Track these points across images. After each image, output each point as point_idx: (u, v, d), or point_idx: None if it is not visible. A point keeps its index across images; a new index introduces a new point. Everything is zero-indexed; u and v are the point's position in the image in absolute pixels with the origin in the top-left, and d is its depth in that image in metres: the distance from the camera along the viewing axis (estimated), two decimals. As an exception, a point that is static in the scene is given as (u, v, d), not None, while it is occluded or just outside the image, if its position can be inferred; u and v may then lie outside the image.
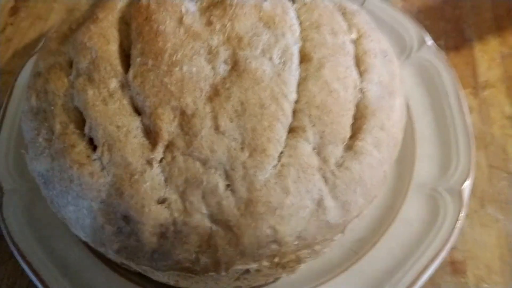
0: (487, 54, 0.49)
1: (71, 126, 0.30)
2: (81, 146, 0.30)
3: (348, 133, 0.31)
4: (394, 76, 0.34)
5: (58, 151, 0.30)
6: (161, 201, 0.28)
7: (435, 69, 0.42)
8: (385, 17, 0.46)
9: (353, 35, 0.35)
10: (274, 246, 0.28)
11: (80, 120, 0.31)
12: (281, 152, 0.29)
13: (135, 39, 0.32)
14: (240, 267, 0.29)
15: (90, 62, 0.31)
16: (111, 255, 0.31)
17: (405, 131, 0.35)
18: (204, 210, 0.28)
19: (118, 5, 0.34)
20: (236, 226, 0.28)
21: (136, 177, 0.28)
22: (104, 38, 0.32)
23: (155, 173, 0.28)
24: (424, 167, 0.38)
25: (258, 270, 0.30)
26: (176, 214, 0.28)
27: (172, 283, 0.32)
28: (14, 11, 0.52)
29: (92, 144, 0.30)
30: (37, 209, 0.37)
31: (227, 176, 0.28)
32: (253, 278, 0.31)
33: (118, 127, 0.29)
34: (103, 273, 0.35)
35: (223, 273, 0.29)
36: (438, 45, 0.48)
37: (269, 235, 0.28)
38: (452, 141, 0.39)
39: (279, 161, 0.29)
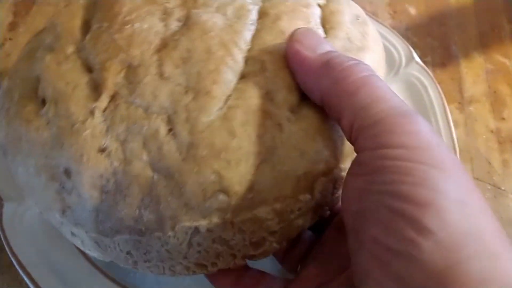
0: (472, 70, 0.51)
1: (29, 93, 0.31)
2: (32, 105, 0.30)
3: None
4: (366, 35, 0.32)
5: (13, 115, 0.30)
6: (102, 150, 0.27)
7: (422, 85, 0.44)
8: (375, 34, 0.47)
9: (321, 0, 0.32)
10: (222, 197, 0.26)
11: (37, 87, 0.30)
12: (229, 96, 0.27)
13: (96, 11, 0.32)
14: (188, 223, 0.26)
15: (54, 36, 0.31)
16: (66, 229, 0.30)
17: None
18: (145, 157, 0.26)
19: None
20: (178, 172, 0.26)
21: (77, 126, 0.27)
22: (70, 15, 0.32)
23: (97, 121, 0.27)
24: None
25: (209, 231, 0.26)
26: (116, 163, 0.26)
27: (130, 263, 0.30)
28: (12, 26, 0.53)
29: (44, 104, 0.30)
30: (37, 220, 0.38)
31: (169, 121, 0.26)
32: (210, 247, 0.27)
33: (67, 83, 0.29)
34: (103, 285, 0.35)
35: (170, 233, 0.26)
36: (425, 61, 0.50)
37: (215, 182, 0.25)
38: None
39: (225, 103, 0.27)
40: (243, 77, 0.28)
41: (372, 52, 0.32)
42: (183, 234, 0.27)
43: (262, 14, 0.30)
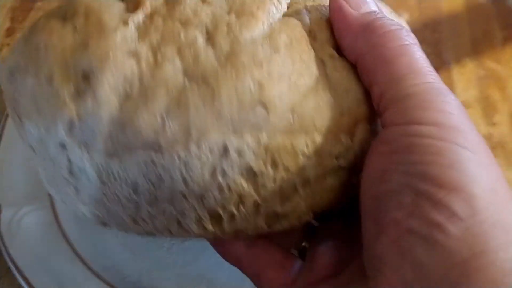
0: (464, 76, 0.52)
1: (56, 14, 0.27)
2: (56, 18, 0.26)
3: None
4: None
5: (33, 31, 0.27)
6: (131, 53, 0.24)
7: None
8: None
9: None
10: (260, 111, 0.23)
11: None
12: (272, 23, 0.25)
13: None
14: (217, 137, 0.23)
15: None
16: (64, 158, 0.26)
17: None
18: (177, 63, 0.24)
19: None
20: (214, 77, 0.23)
21: (107, 30, 0.24)
22: None
23: (130, 30, 0.24)
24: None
25: (239, 154, 0.24)
26: (144, 66, 0.24)
27: (130, 211, 0.26)
28: (10, 32, 0.53)
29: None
30: (34, 225, 0.38)
31: (208, 33, 0.24)
32: (235, 182, 0.24)
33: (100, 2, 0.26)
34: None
35: (194, 149, 0.23)
36: (418, 67, 0.51)
37: (253, 92, 0.23)
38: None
39: (269, 27, 0.25)
40: (285, 15, 0.26)
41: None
42: (208, 153, 0.23)
43: None
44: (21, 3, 0.43)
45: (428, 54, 0.55)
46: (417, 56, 0.22)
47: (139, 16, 0.25)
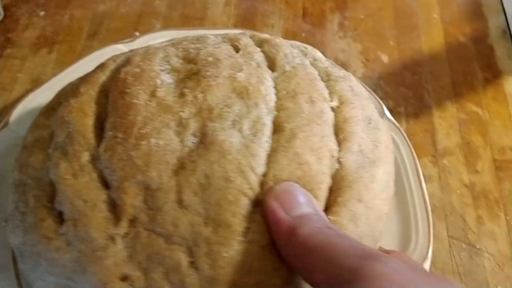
0: (445, 121, 0.51)
1: (44, 200, 0.30)
2: (50, 220, 0.30)
3: (321, 207, 0.30)
4: (378, 144, 0.34)
5: (30, 225, 0.30)
6: (124, 278, 0.28)
7: (394, 143, 0.43)
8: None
9: (334, 103, 0.34)
10: None
11: (53, 194, 0.30)
12: (247, 228, 0.28)
13: (110, 112, 0.32)
14: None
15: (66, 135, 0.31)
16: None
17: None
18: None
19: (101, 79, 0.34)
20: None
21: (99, 252, 0.28)
22: (82, 112, 0.32)
23: (118, 248, 0.28)
24: (385, 245, 0.38)
25: None
26: None
27: None
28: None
29: (61, 218, 0.30)
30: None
31: (191, 253, 0.28)
32: None
33: (85, 201, 0.29)
34: None
35: None
36: (398, 112, 0.50)
37: None
38: (412, 217, 0.39)
39: (245, 237, 0.28)
40: (258, 205, 0.29)
41: (384, 163, 0.33)
42: None
43: (277, 127, 0.31)
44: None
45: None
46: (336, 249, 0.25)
47: (123, 227, 0.28)
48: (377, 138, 0.34)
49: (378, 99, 0.46)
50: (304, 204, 0.28)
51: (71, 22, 0.56)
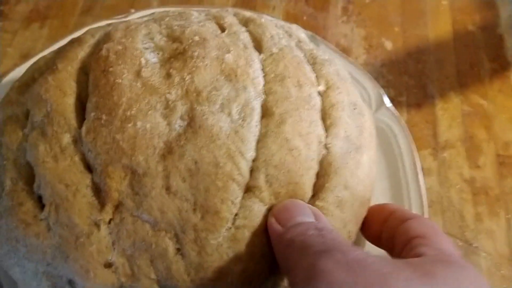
0: (448, 112, 0.49)
1: (21, 183, 0.29)
2: (29, 205, 0.29)
3: (309, 193, 0.30)
4: (363, 130, 0.33)
5: (6, 209, 0.29)
6: (108, 265, 0.27)
7: (392, 133, 0.42)
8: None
9: (321, 87, 0.33)
10: None
11: (30, 176, 0.29)
12: (236, 214, 0.28)
13: (92, 92, 0.30)
14: None
15: (44, 115, 0.30)
16: None
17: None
18: (152, 275, 0.27)
19: (79, 55, 0.33)
20: None
21: (82, 239, 0.27)
22: (61, 90, 0.31)
23: (102, 235, 0.27)
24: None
25: None
26: (123, 279, 0.27)
27: None
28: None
29: (41, 203, 0.29)
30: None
31: (178, 240, 0.27)
32: None
33: (67, 185, 0.28)
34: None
35: None
36: (400, 101, 0.48)
37: None
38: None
39: (233, 223, 0.28)
40: (248, 190, 0.28)
41: (368, 149, 0.33)
42: None
43: (265, 111, 0.30)
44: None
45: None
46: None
47: (108, 213, 0.28)
48: (362, 124, 0.33)
49: (379, 87, 0.44)
50: (298, 216, 0.27)
51: (65, -3, 0.55)
